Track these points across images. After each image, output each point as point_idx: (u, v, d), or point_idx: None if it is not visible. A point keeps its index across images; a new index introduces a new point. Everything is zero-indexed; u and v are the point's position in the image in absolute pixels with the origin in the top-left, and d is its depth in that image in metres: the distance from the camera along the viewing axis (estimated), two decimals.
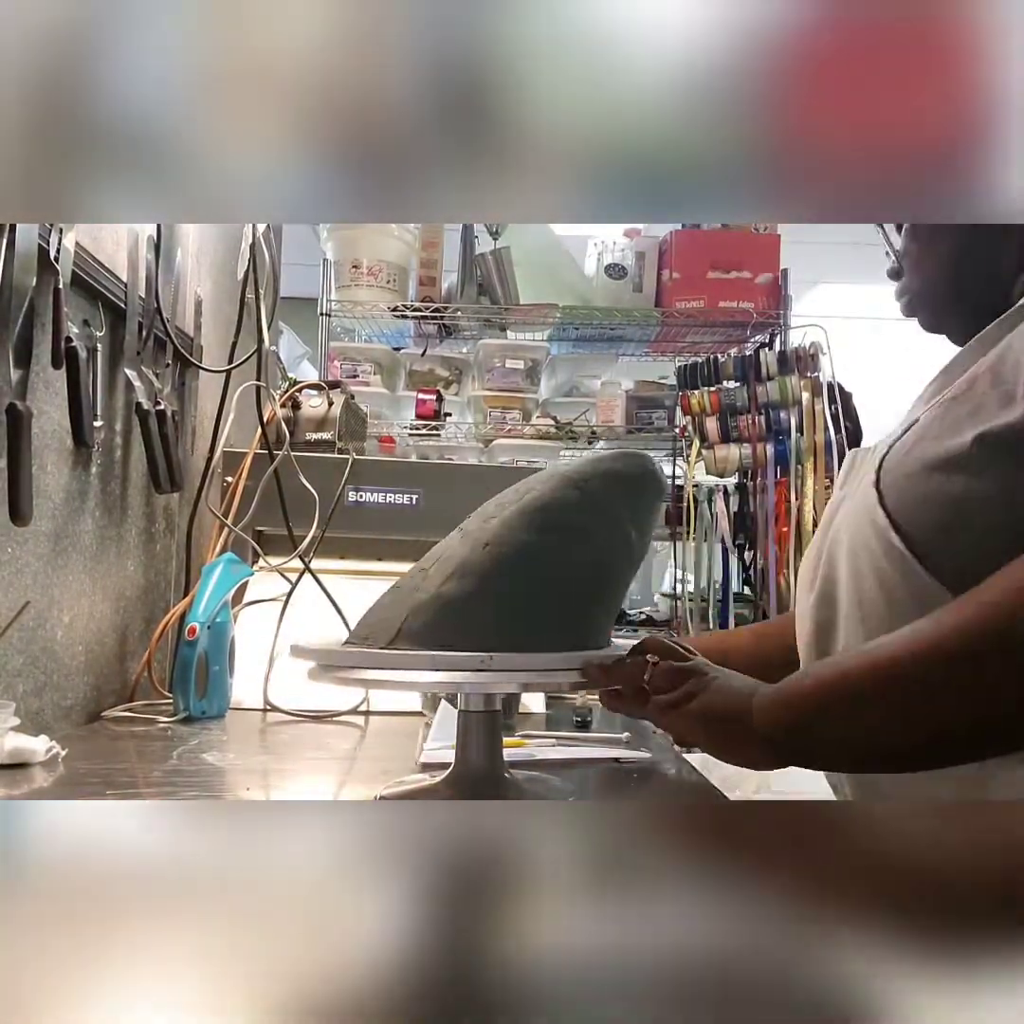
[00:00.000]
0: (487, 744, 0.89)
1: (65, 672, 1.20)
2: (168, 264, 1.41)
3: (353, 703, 1.36)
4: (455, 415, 3.19)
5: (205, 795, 0.94)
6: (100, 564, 1.30)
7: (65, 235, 1.06)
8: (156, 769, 1.03)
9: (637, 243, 3.17)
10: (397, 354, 3.24)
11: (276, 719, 1.34)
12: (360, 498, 1.61)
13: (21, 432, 0.97)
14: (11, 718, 0.96)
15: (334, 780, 1.09)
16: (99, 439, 1.22)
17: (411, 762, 1.08)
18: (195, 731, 1.22)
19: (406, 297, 3.08)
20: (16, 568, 1.06)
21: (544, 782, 0.94)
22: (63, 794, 0.90)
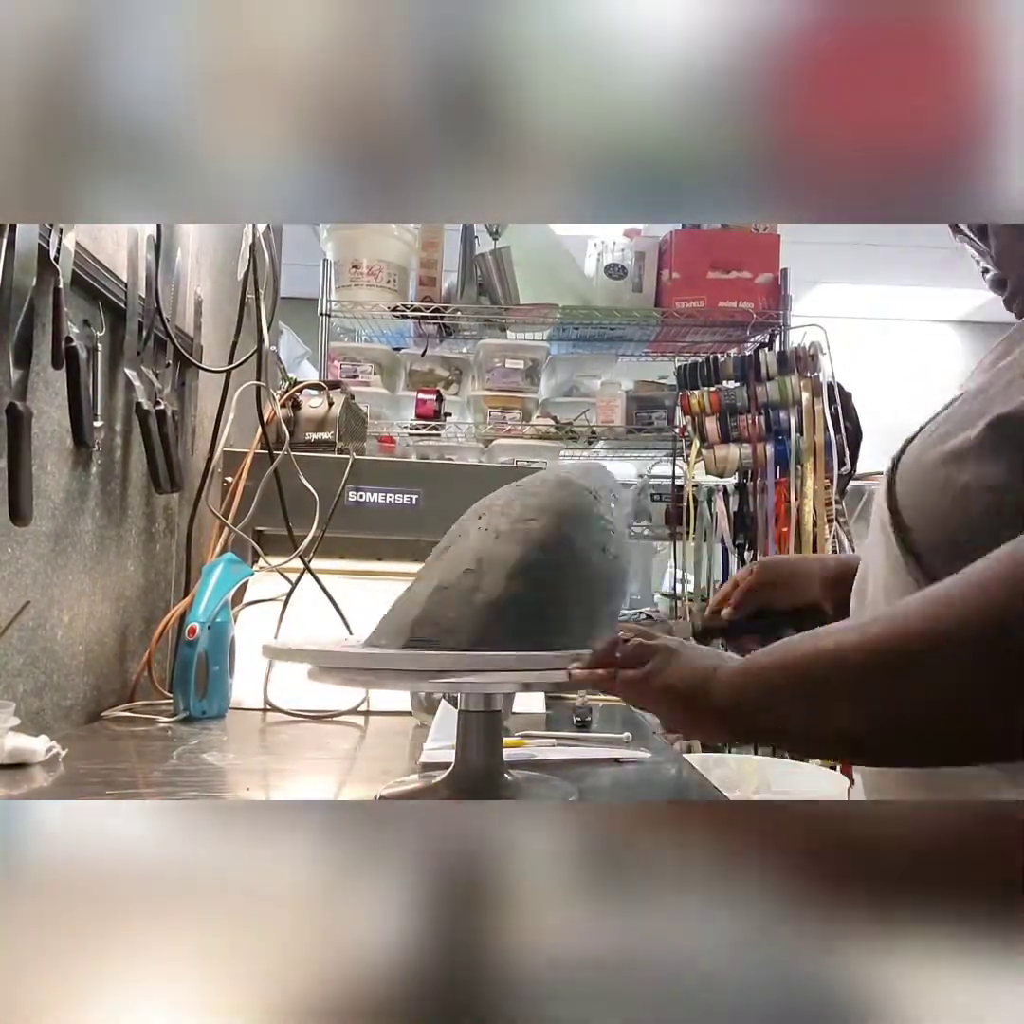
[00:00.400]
0: (487, 744, 0.89)
1: (65, 672, 1.20)
2: (168, 264, 1.41)
3: (353, 703, 1.36)
4: (455, 415, 3.19)
5: (205, 795, 0.94)
6: (100, 564, 1.30)
7: (65, 235, 1.06)
8: (156, 769, 1.03)
9: (637, 243, 3.17)
10: (397, 354, 3.24)
11: (276, 719, 1.34)
12: (360, 498, 1.61)
13: (21, 432, 0.97)
14: (11, 718, 0.96)
15: (334, 780, 1.09)
16: (99, 439, 1.22)
17: (411, 762, 1.08)
18: (195, 731, 1.22)
19: (406, 297, 3.08)
20: (16, 568, 1.06)
21: (544, 782, 0.94)
22: (63, 794, 0.90)
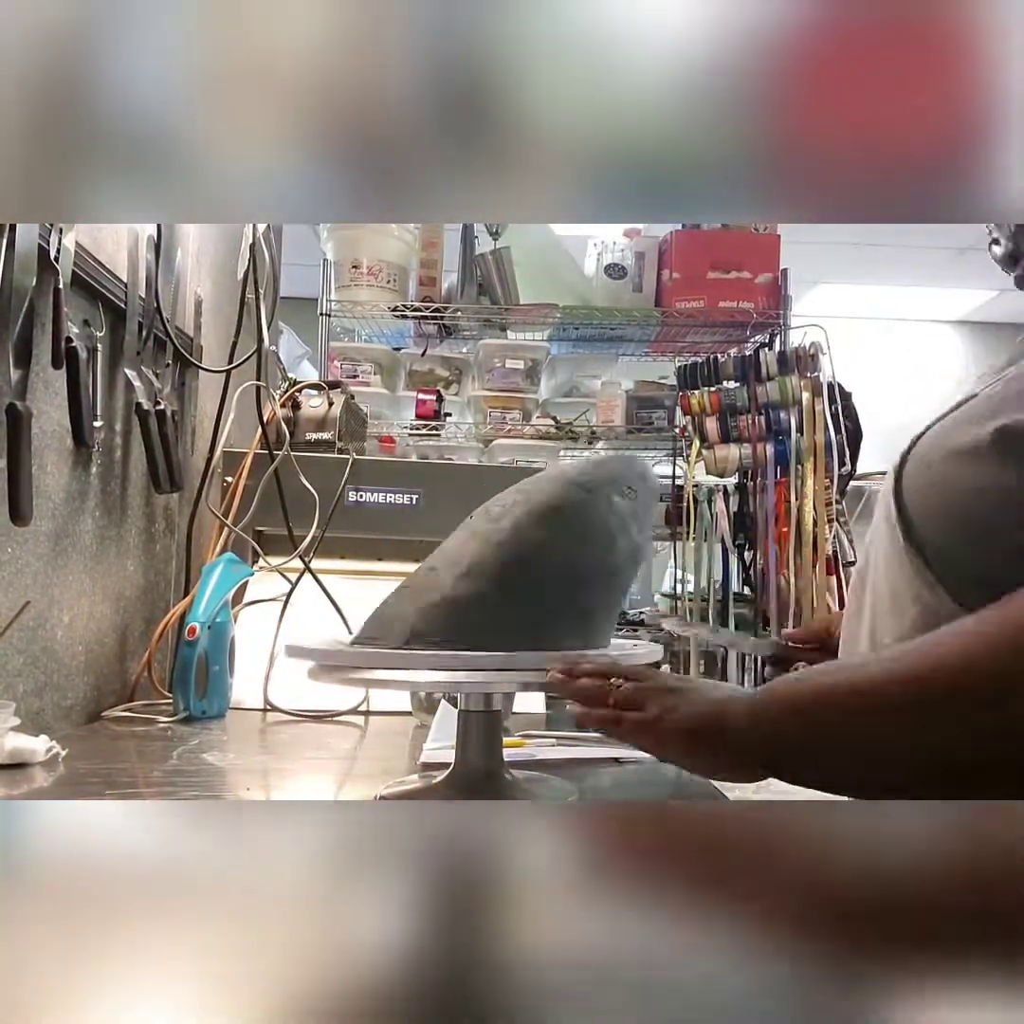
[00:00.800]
0: (487, 744, 0.89)
1: (65, 672, 1.20)
2: (168, 264, 1.41)
3: (353, 703, 1.36)
4: (455, 415, 3.19)
5: (205, 795, 0.94)
6: (100, 564, 1.30)
7: (65, 235, 1.06)
8: (156, 769, 1.03)
9: (637, 243, 3.17)
10: (397, 354, 3.24)
11: (276, 719, 1.34)
12: (360, 498, 1.61)
13: (21, 432, 0.97)
14: (11, 718, 0.96)
15: (334, 780, 1.09)
16: (99, 439, 1.22)
17: (411, 762, 1.08)
18: (195, 731, 1.22)
19: (406, 297, 3.08)
20: (16, 568, 1.06)
21: (544, 782, 0.94)
22: (63, 794, 0.90)
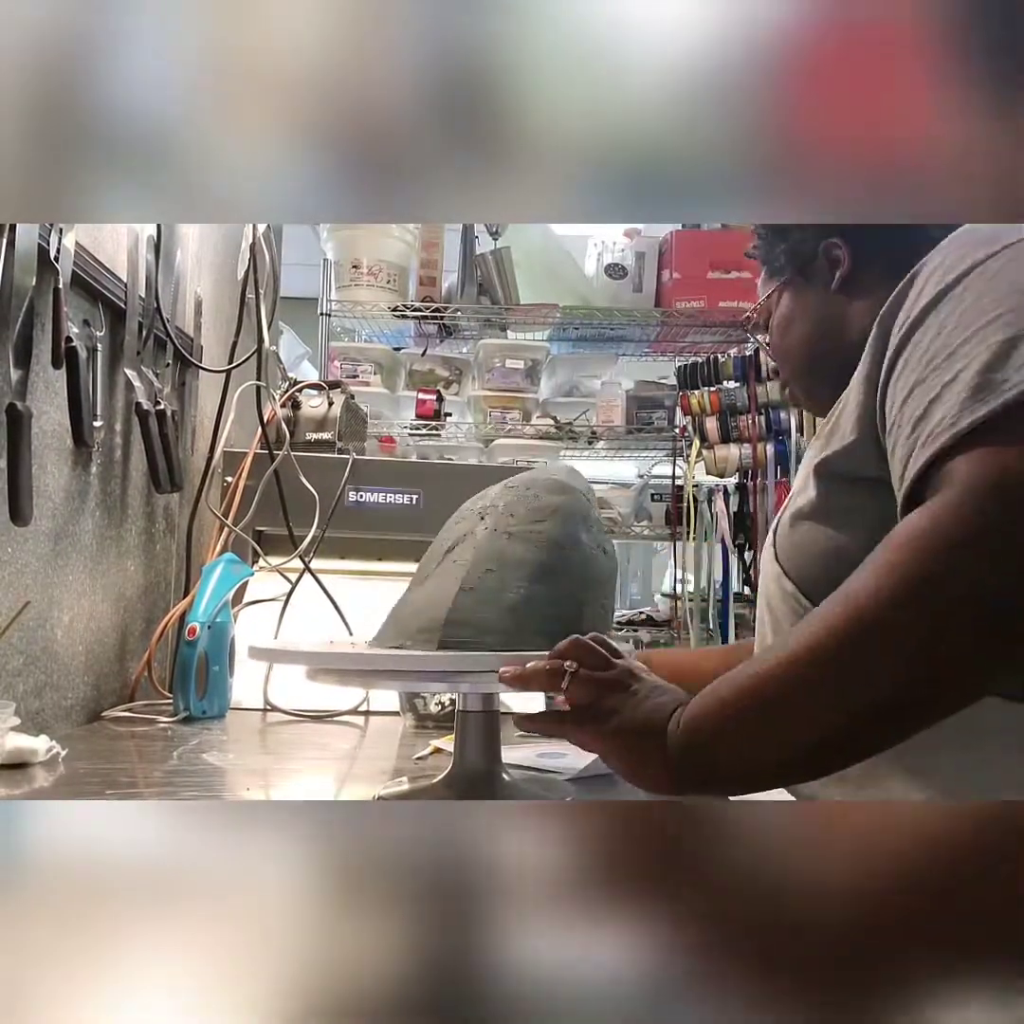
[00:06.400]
0: (486, 744, 0.89)
1: (65, 672, 1.20)
2: (168, 264, 1.41)
3: (353, 703, 1.36)
4: (455, 415, 3.19)
5: (205, 795, 0.94)
6: (100, 564, 1.30)
7: (65, 235, 1.06)
8: (156, 769, 1.03)
9: (637, 243, 3.17)
10: (397, 354, 3.24)
11: (276, 719, 1.34)
12: (360, 498, 1.61)
13: (21, 432, 0.98)
14: (11, 718, 0.96)
15: (334, 780, 1.09)
16: (99, 439, 1.22)
17: (411, 762, 1.08)
18: (195, 731, 1.22)
19: (406, 297, 3.08)
20: (16, 568, 1.06)
21: (544, 782, 0.94)
22: (63, 794, 0.90)
